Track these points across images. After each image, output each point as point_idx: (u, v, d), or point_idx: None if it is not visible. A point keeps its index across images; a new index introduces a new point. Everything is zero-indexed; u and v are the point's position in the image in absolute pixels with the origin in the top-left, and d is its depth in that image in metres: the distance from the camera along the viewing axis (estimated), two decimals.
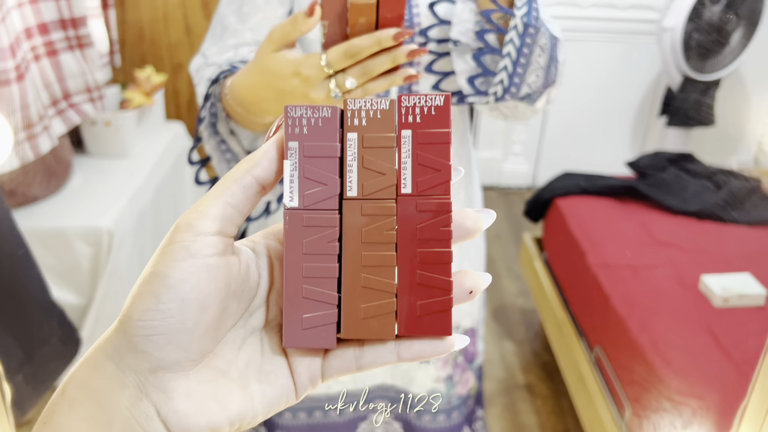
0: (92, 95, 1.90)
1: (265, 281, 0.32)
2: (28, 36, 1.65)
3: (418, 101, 0.31)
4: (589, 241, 1.84)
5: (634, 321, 1.50)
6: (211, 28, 0.88)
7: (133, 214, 1.84)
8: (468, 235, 0.32)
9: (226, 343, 0.31)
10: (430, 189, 0.31)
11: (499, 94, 0.77)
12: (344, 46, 0.61)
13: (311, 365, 0.32)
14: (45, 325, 1.29)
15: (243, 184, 0.30)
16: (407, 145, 0.31)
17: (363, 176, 0.31)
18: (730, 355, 1.36)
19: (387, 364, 0.32)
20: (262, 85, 0.66)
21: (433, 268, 0.31)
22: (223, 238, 0.29)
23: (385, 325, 0.31)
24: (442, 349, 0.32)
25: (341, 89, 0.63)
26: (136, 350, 0.28)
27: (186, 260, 0.28)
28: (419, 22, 0.81)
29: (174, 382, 0.28)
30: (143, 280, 0.28)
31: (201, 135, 0.79)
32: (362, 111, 0.31)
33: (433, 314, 0.31)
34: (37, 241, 1.64)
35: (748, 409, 0.65)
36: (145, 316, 0.28)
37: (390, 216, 0.31)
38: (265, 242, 0.33)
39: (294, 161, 0.30)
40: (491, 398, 1.95)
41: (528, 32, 0.73)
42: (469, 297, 0.32)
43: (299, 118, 0.30)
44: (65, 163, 1.86)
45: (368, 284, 0.31)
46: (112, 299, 1.73)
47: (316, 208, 0.30)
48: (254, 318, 0.32)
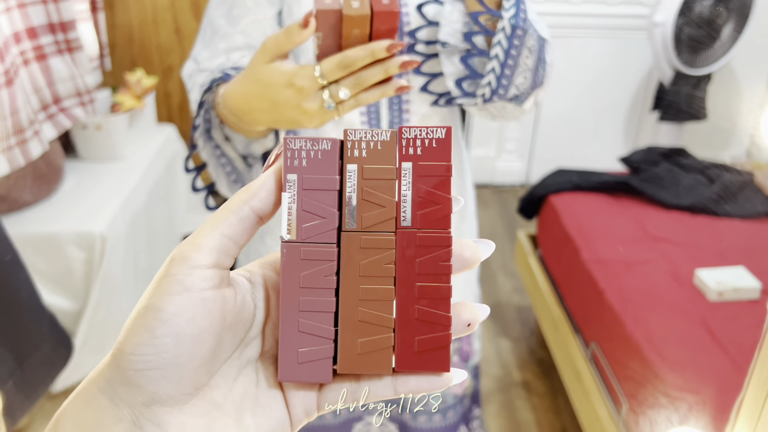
0: (83, 99, 1.89)
1: (261, 312, 0.32)
2: (16, 40, 1.64)
3: (419, 133, 0.30)
4: (583, 238, 1.84)
5: (629, 316, 1.50)
6: (201, 31, 0.87)
7: (126, 218, 1.83)
8: (466, 267, 0.31)
9: (221, 376, 0.30)
10: (431, 222, 0.30)
11: (486, 96, 0.77)
12: (338, 57, 0.61)
13: (307, 398, 0.31)
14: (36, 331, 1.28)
15: (240, 215, 0.29)
16: (407, 177, 0.30)
17: (362, 208, 0.30)
18: (726, 348, 1.37)
19: (383, 399, 0.32)
20: (255, 95, 0.66)
21: (432, 303, 0.30)
22: (219, 271, 0.29)
23: (382, 360, 0.31)
24: (440, 385, 0.31)
25: (334, 100, 0.64)
26: (130, 384, 0.27)
27: (181, 294, 0.28)
28: (409, 21, 0.81)
29: (169, 416, 0.28)
30: (137, 314, 0.28)
31: (196, 142, 0.79)
32: (362, 142, 0.30)
33: (432, 350, 0.31)
34: (29, 247, 1.63)
35: (744, 403, 0.65)
36: (138, 351, 0.27)
37: (389, 249, 0.30)
38: (262, 272, 0.33)
39: (292, 194, 0.30)
40: (488, 396, 1.95)
41: (516, 34, 0.73)
42: (468, 330, 0.31)
43: (298, 151, 0.30)
44: (56, 167, 1.85)
45: (366, 318, 0.30)
46: (106, 304, 1.72)
47: (314, 241, 0.30)
48: (249, 349, 0.32)
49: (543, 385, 2.00)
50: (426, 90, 0.84)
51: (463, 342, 1.06)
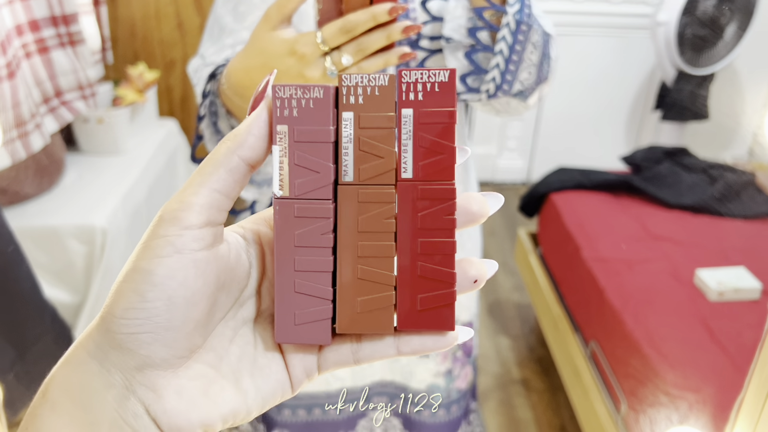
0: (84, 92, 1.89)
1: (256, 271, 0.31)
2: (18, 33, 1.63)
3: (420, 77, 0.28)
4: (584, 236, 1.84)
5: (629, 315, 1.50)
6: (207, 29, 0.87)
7: (127, 211, 1.83)
8: (473, 221, 0.30)
9: (217, 337, 0.29)
10: (433, 174, 0.28)
11: (491, 92, 0.77)
12: (339, 22, 0.61)
13: (306, 358, 0.30)
14: (37, 323, 1.28)
15: (229, 167, 0.28)
16: (408, 125, 0.28)
17: (359, 160, 0.28)
18: (726, 348, 1.37)
19: (385, 358, 0.30)
20: (258, 67, 0.65)
21: (435, 259, 0.29)
22: (211, 229, 0.27)
23: (383, 319, 0.29)
24: (444, 344, 0.30)
25: (337, 67, 0.63)
26: (121, 348, 0.26)
27: (172, 256, 0.26)
28: (415, 17, 0.80)
29: (163, 379, 0.27)
30: (125, 276, 0.27)
31: (202, 133, 0.79)
32: (359, 87, 0.28)
33: (435, 308, 0.29)
34: (30, 240, 1.63)
35: (744, 403, 0.65)
36: (129, 314, 0.26)
37: (389, 203, 0.29)
38: (256, 228, 0.31)
39: (283, 147, 0.28)
40: (487, 393, 1.95)
41: (520, 29, 0.73)
42: (474, 286, 0.30)
43: (288, 99, 0.28)
44: (58, 161, 1.85)
45: (365, 276, 0.29)
46: (106, 297, 1.72)
47: (309, 197, 0.28)
48: (245, 309, 0.31)
49: (542, 383, 2.00)
50: None
51: None
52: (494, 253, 2.71)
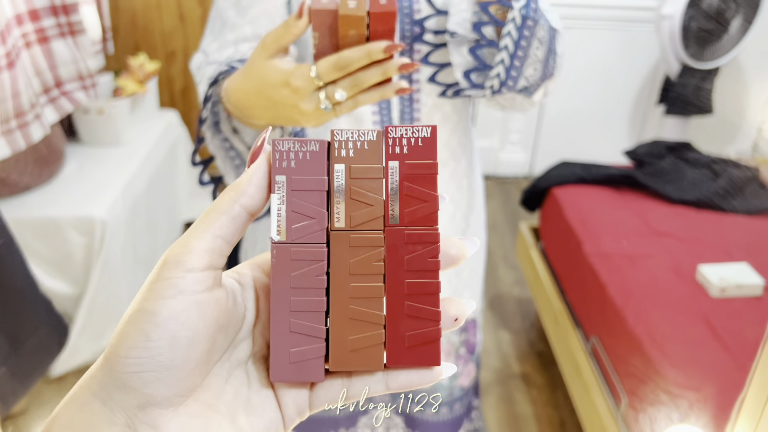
0: (85, 83, 1.88)
1: (251, 314, 0.32)
2: (18, 22, 1.62)
3: (405, 132, 0.31)
4: (586, 231, 1.83)
5: (630, 311, 1.49)
6: (210, 23, 0.87)
7: (127, 203, 1.82)
8: (452, 263, 0.32)
9: (214, 377, 0.31)
10: (418, 220, 0.31)
11: (495, 88, 0.76)
12: (334, 57, 0.60)
13: (298, 397, 0.32)
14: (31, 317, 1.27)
15: (231, 214, 0.29)
16: (394, 176, 0.31)
17: (350, 207, 0.31)
18: (727, 345, 1.36)
19: (375, 394, 0.32)
20: (254, 92, 0.66)
21: (421, 299, 0.31)
22: (212, 272, 0.29)
23: (374, 356, 0.31)
24: (430, 379, 0.32)
25: (331, 101, 0.63)
26: (124, 387, 0.27)
27: (175, 297, 0.28)
28: (419, 8, 0.79)
29: (164, 417, 0.28)
30: (130, 318, 0.28)
31: (203, 136, 0.78)
32: (349, 142, 0.31)
33: (422, 345, 0.31)
34: (29, 231, 1.63)
35: (746, 401, 0.64)
36: (133, 354, 0.27)
37: (378, 247, 0.31)
38: (251, 274, 0.33)
39: (281, 195, 0.30)
40: (487, 388, 1.94)
41: (526, 25, 0.72)
42: (455, 324, 0.32)
43: (287, 152, 0.30)
44: (58, 151, 1.85)
45: (356, 316, 0.31)
46: (105, 289, 1.72)
47: (304, 241, 0.30)
48: (239, 350, 0.32)
49: (542, 378, 1.99)
50: (434, 81, 0.83)
51: (469, 334, 1.06)
52: (495, 247, 2.70)
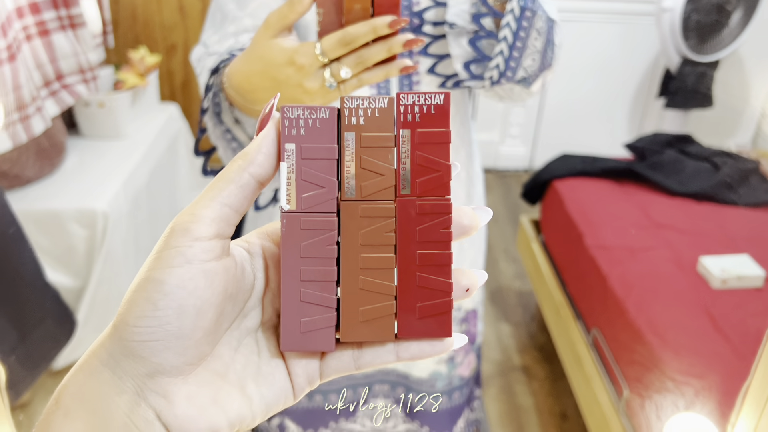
0: (85, 76, 1.88)
1: (260, 282, 0.32)
2: (19, 15, 1.62)
3: (417, 99, 0.30)
4: (587, 223, 1.84)
5: (632, 303, 1.49)
6: (210, 16, 0.86)
7: (128, 196, 1.82)
8: (464, 234, 0.32)
9: (223, 346, 0.31)
10: (430, 190, 0.30)
11: (494, 79, 0.76)
12: (339, 34, 0.60)
13: (309, 366, 0.32)
14: (39, 306, 1.28)
15: (240, 183, 0.29)
16: (406, 145, 0.30)
17: (361, 177, 0.30)
18: (728, 336, 1.36)
19: (386, 365, 0.32)
20: (258, 73, 0.65)
21: (432, 270, 0.31)
22: (220, 241, 0.29)
23: (384, 327, 0.31)
24: (441, 349, 0.32)
25: (336, 78, 0.62)
26: (133, 356, 0.27)
27: (182, 266, 0.27)
28: (418, 0, 0.79)
29: (173, 386, 0.28)
30: (138, 286, 0.28)
31: (205, 126, 0.78)
32: (360, 109, 0.30)
33: (433, 316, 0.31)
34: (31, 224, 1.63)
35: (750, 390, 0.65)
36: (141, 323, 0.27)
37: (389, 217, 0.30)
38: (260, 242, 0.33)
39: (291, 163, 0.30)
40: (488, 380, 1.95)
41: (525, 15, 0.72)
42: (466, 295, 0.32)
43: (296, 119, 0.30)
44: (59, 144, 1.85)
45: (367, 287, 0.31)
46: (108, 281, 1.72)
47: (314, 210, 0.30)
48: (249, 319, 0.32)
49: (543, 370, 2.00)
50: (433, 72, 0.83)
51: (470, 324, 1.06)
52: (496, 240, 2.70)
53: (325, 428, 1.06)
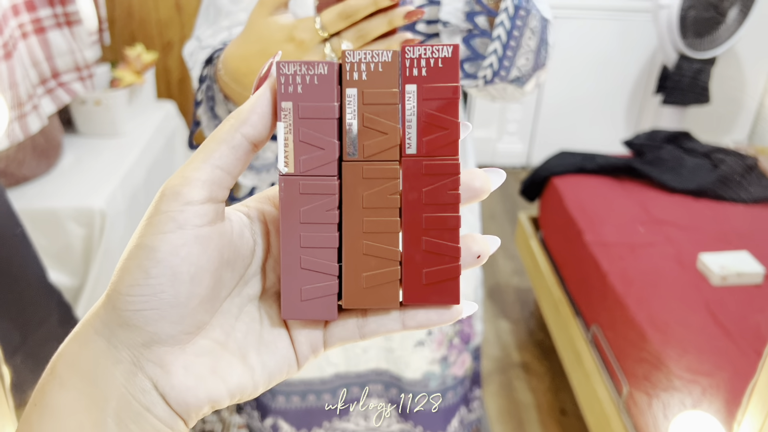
0: (82, 74, 1.87)
1: (261, 248, 0.31)
2: (15, 13, 1.61)
3: (424, 53, 0.28)
4: (586, 220, 1.84)
5: (631, 299, 1.49)
6: (203, 11, 0.85)
7: (126, 194, 1.82)
8: (476, 197, 0.30)
9: (223, 314, 0.29)
10: (437, 149, 0.29)
11: (488, 78, 0.75)
12: (339, 6, 0.58)
13: (312, 335, 0.31)
14: (42, 306, 1.27)
15: (232, 144, 0.28)
16: (412, 101, 0.28)
17: (364, 136, 0.28)
18: (729, 333, 1.36)
19: (391, 333, 0.30)
20: (255, 54, 0.63)
21: (439, 234, 0.29)
22: (213, 205, 0.27)
23: (389, 293, 0.29)
24: (449, 317, 0.30)
25: (337, 54, 0.61)
26: (127, 325, 0.26)
27: (174, 232, 0.26)
28: (411, 0, 0.79)
29: (170, 355, 0.27)
30: (129, 254, 0.27)
31: (199, 119, 0.77)
32: (362, 64, 0.28)
33: (440, 282, 0.29)
34: (28, 222, 1.62)
35: (757, 387, 0.65)
36: (134, 291, 0.26)
37: (393, 179, 0.29)
38: (260, 207, 0.31)
39: (288, 123, 0.28)
40: (487, 377, 1.95)
41: (519, 14, 0.71)
42: (477, 262, 0.30)
43: (293, 76, 0.28)
44: (55, 142, 1.84)
45: (370, 252, 0.29)
46: (106, 280, 1.71)
47: (314, 174, 0.28)
48: (250, 286, 0.31)
49: (542, 367, 2.00)
50: None
51: (464, 324, 1.05)
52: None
53: (319, 428, 1.05)
